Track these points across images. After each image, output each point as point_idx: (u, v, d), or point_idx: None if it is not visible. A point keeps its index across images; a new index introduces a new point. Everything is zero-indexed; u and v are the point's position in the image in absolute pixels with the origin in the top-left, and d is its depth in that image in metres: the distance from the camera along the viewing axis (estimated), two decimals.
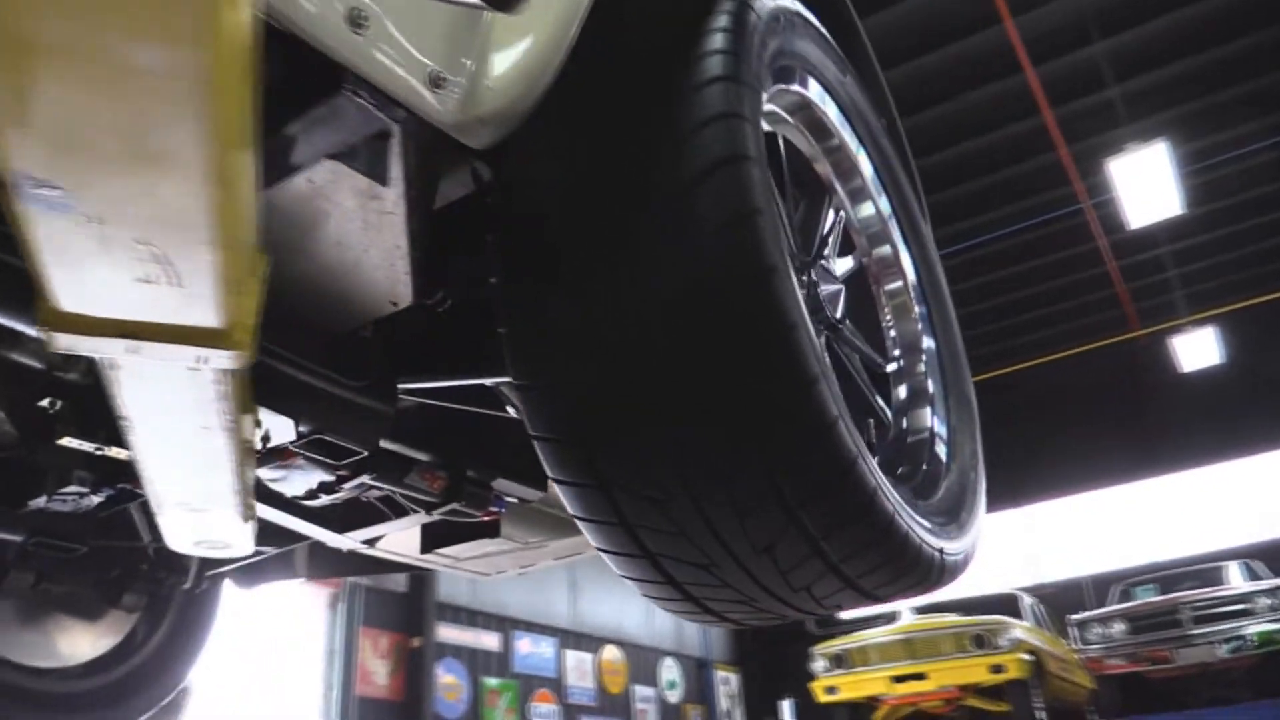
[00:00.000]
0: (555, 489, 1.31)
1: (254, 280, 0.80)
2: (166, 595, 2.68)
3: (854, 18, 1.81)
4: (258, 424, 1.46)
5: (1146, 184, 11.02)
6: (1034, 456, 17.74)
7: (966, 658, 9.64)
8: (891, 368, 1.73)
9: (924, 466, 1.54)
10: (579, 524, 1.27)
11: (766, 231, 1.07)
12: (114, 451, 1.64)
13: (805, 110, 1.56)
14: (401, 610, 12.51)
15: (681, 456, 1.13)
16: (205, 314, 0.76)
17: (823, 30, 1.56)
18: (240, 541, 1.34)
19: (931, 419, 1.64)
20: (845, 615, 17.99)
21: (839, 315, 1.51)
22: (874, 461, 1.19)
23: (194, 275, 0.70)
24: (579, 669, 15.63)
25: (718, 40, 1.19)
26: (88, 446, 1.66)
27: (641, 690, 16.73)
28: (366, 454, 1.61)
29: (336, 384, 1.50)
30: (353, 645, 11.71)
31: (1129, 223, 12.24)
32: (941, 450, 1.59)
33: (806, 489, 1.10)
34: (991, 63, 10.96)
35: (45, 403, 1.65)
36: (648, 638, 17.15)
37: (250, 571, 3.02)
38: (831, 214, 1.64)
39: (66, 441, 1.66)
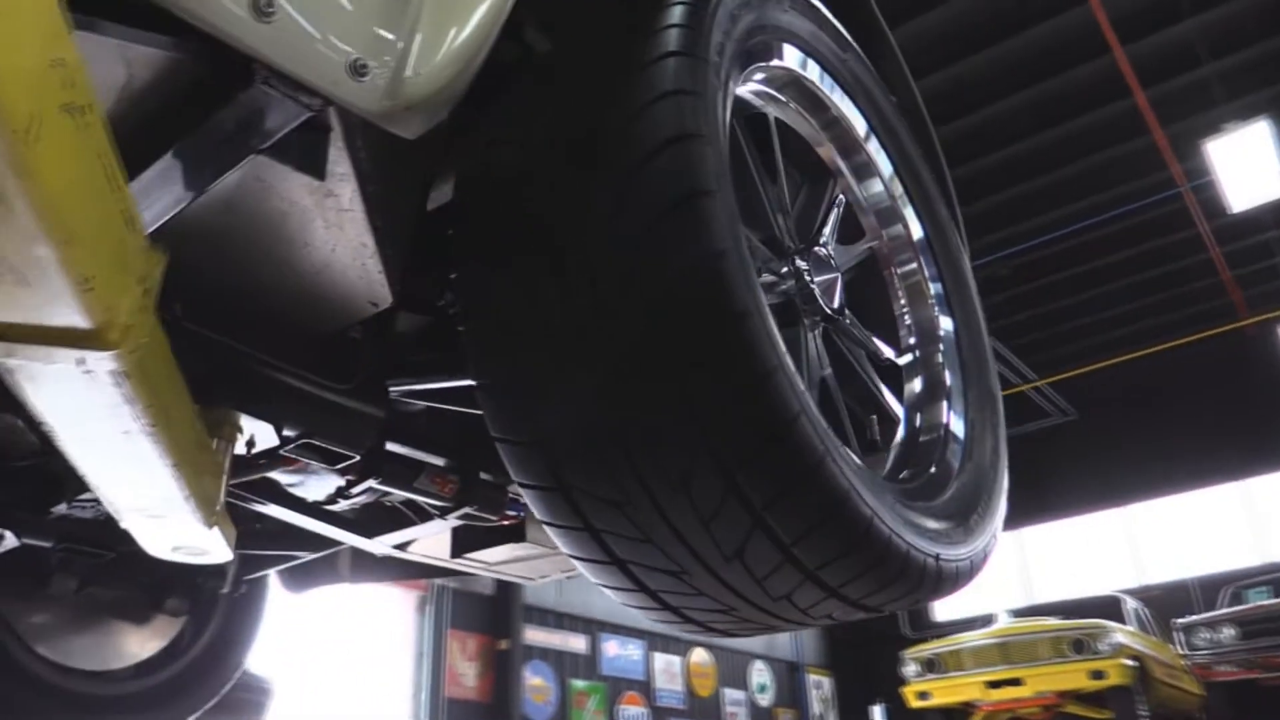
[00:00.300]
0: None
1: (127, 277, 0.76)
2: (211, 598, 2.72)
3: None
4: (238, 430, 1.44)
5: (1248, 165, 10.45)
6: (1136, 453, 17.01)
7: (1065, 663, 9.32)
8: (906, 359, 1.63)
9: (932, 467, 1.43)
10: (548, 530, 1.21)
11: (715, 214, 1.00)
12: None
13: (796, 86, 1.47)
14: (489, 613, 12.64)
15: (635, 456, 1.06)
16: (68, 314, 0.72)
17: (817, 4, 1.48)
18: (215, 548, 1.32)
19: (947, 415, 1.53)
20: (940, 618, 17.60)
21: (837, 305, 1.42)
22: (848, 460, 1.10)
23: (37, 273, 0.67)
24: (667, 671, 15.58)
25: (675, 14, 1.13)
26: None
27: (731, 694, 16.59)
28: (362, 456, 1.59)
29: (320, 386, 1.48)
30: (441, 647, 11.88)
31: (1230, 206, 11.63)
32: (955, 448, 1.48)
33: (768, 491, 1.03)
34: (1078, 45, 10.54)
35: None
36: (737, 641, 16.98)
37: (295, 575, 3.05)
38: (833, 197, 1.55)
39: None
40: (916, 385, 1.60)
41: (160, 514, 1.17)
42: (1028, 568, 17.31)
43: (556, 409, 1.10)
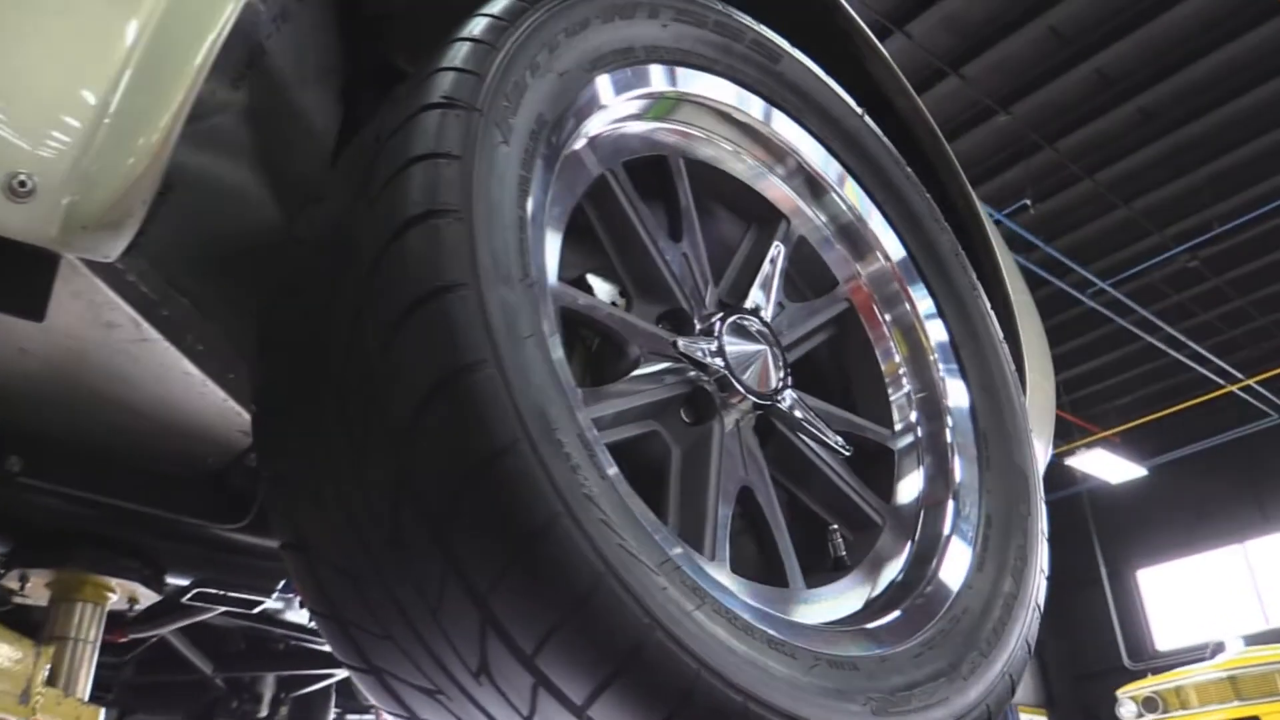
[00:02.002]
0: None
1: None
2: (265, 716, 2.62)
3: None
4: (106, 590, 1.28)
5: None
6: None
7: None
8: (903, 441, 1.27)
9: (902, 604, 1.06)
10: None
11: (463, 317, 0.75)
12: None
13: (703, 113, 1.18)
14: None
15: (427, 641, 0.81)
16: None
17: (722, 10, 1.20)
18: None
19: (950, 518, 1.16)
20: (1161, 646, 16.01)
21: (774, 385, 1.11)
22: (714, 618, 0.81)
23: None
24: None
25: (451, 54, 0.89)
26: None
27: None
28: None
29: (203, 527, 1.30)
30: None
31: None
32: (953, 567, 1.11)
33: (585, 685, 0.76)
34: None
35: None
36: None
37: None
38: (766, 248, 1.24)
39: None
40: (911, 478, 1.24)
41: None
42: (1259, 586, 15.48)
43: (339, 583, 0.86)
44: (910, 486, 1.24)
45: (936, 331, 1.31)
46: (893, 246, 1.31)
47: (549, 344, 0.82)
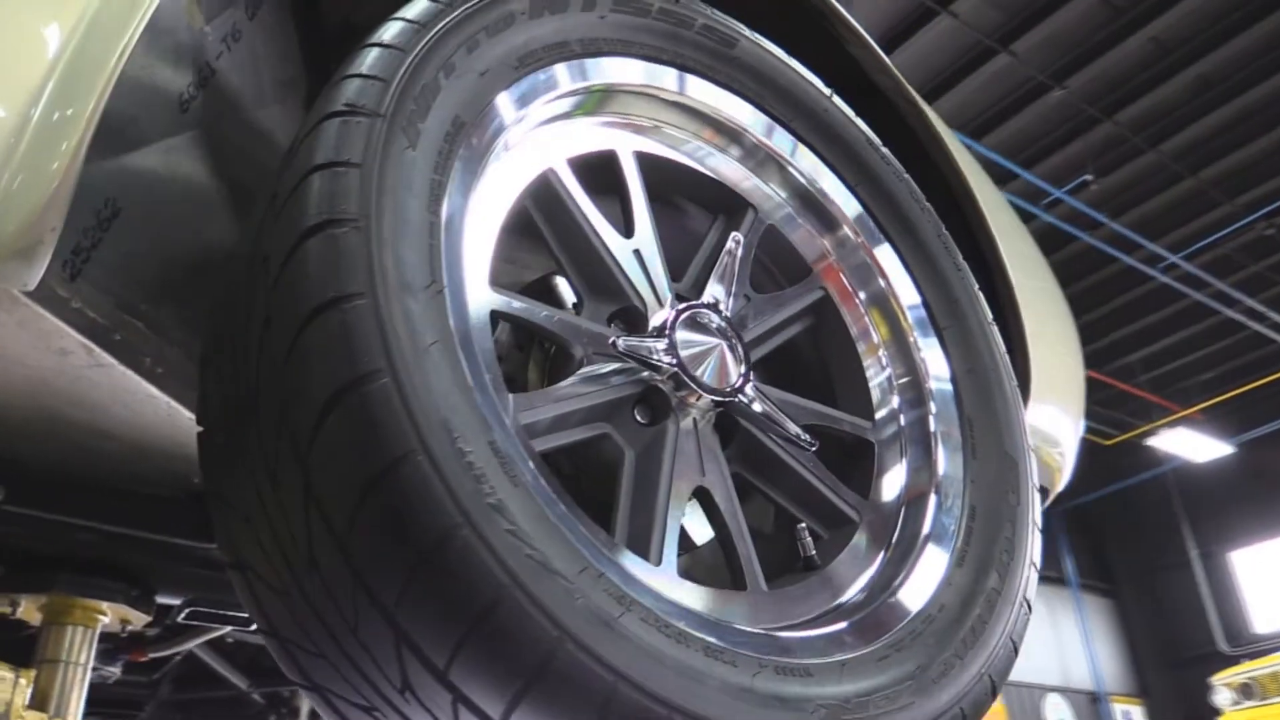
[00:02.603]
0: None
1: None
2: None
3: None
4: (97, 613, 1.29)
5: None
6: None
7: None
8: (885, 432, 1.22)
9: (875, 600, 1.01)
10: None
11: (357, 327, 0.73)
12: None
13: (649, 103, 1.15)
14: None
15: (356, 661, 0.80)
16: None
17: None
18: None
19: (931, 514, 1.10)
20: (1260, 629, 15.39)
21: (734, 381, 1.07)
22: (642, 621, 0.78)
23: None
24: None
25: (356, 61, 0.88)
26: None
27: None
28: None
29: (189, 547, 1.31)
30: None
31: None
32: (931, 564, 1.05)
33: (498, 704, 0.73)
34: None
35: None
36: (1026, 672, 15.54)
37: None
38: (721, 237, 1.19)
39: None
40: (893, 472, 1.18)
41: None
42: None
43: (274, 601, 0.86)
44: (891, 480, 1.18)
45: (917, 315, 1.25)
46: (869, 230, 1.26)
47: (460, 351, 0.80)
